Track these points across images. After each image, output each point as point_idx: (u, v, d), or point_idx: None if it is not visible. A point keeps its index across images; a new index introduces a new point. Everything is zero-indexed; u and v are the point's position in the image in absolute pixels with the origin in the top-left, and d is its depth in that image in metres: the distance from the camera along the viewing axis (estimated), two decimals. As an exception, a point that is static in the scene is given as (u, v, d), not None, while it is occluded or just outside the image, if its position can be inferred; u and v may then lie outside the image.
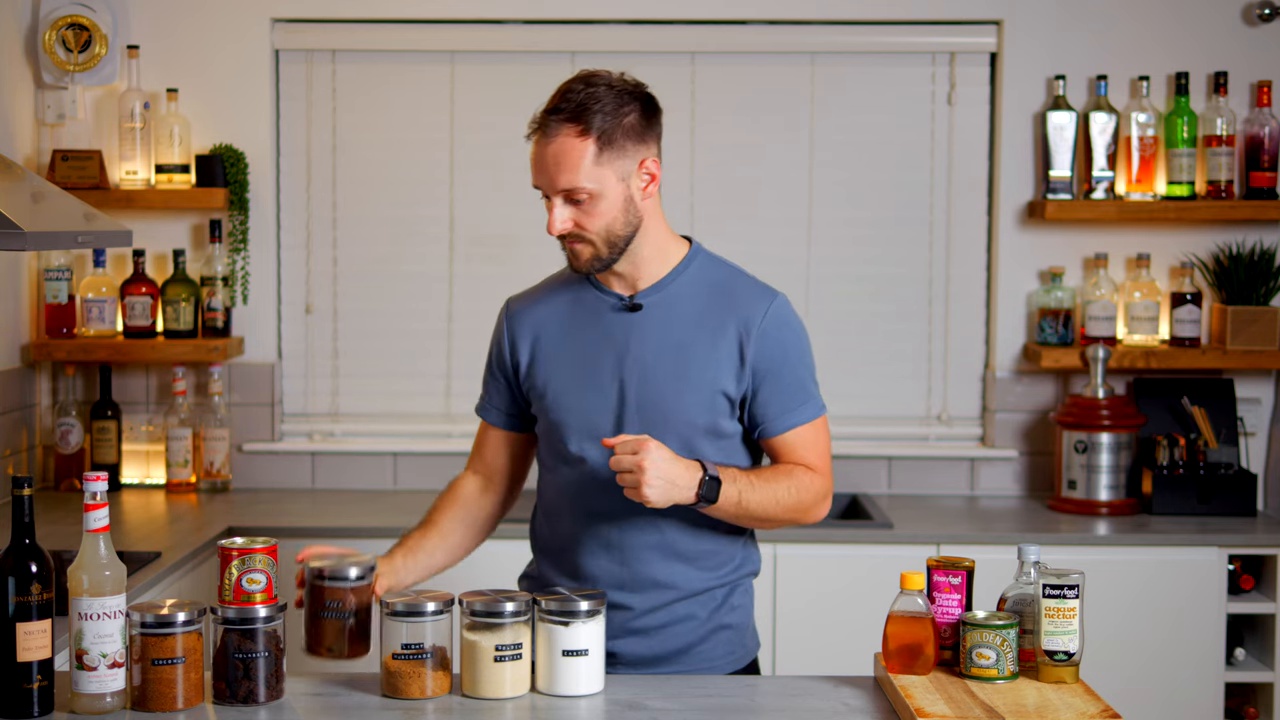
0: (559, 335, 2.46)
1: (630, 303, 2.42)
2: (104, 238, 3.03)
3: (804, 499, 2.41)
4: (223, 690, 2.16)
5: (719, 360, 2.39)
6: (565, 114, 2.30)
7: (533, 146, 2.35)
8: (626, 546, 2.42)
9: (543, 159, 2.33)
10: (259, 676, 2.16)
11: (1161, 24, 4.10)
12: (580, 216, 2.33)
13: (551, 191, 2.33)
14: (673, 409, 2.38)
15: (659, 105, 2.40)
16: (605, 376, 2.41)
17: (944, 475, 4.19)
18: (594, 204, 2.32)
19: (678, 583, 2.43)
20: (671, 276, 2.43)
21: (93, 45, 4.00)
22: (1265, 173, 4.00)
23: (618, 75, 2.37)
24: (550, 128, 2.31)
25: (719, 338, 2.40)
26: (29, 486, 2.10)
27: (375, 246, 4.23)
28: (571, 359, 2.43)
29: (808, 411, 2.44)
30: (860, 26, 4.15)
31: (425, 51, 4.18)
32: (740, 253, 4.14)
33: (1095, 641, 3.28)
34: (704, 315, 2.41)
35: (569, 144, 2.30)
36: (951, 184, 4.18)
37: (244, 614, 2.16)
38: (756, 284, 2.46)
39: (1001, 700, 2.12)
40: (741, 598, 2.51)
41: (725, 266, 2.49)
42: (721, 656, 2.48)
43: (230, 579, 2.19)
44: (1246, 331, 3.97)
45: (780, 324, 2.42)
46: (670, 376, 2.39)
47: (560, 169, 2.30)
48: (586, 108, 2.30)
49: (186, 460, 4.09)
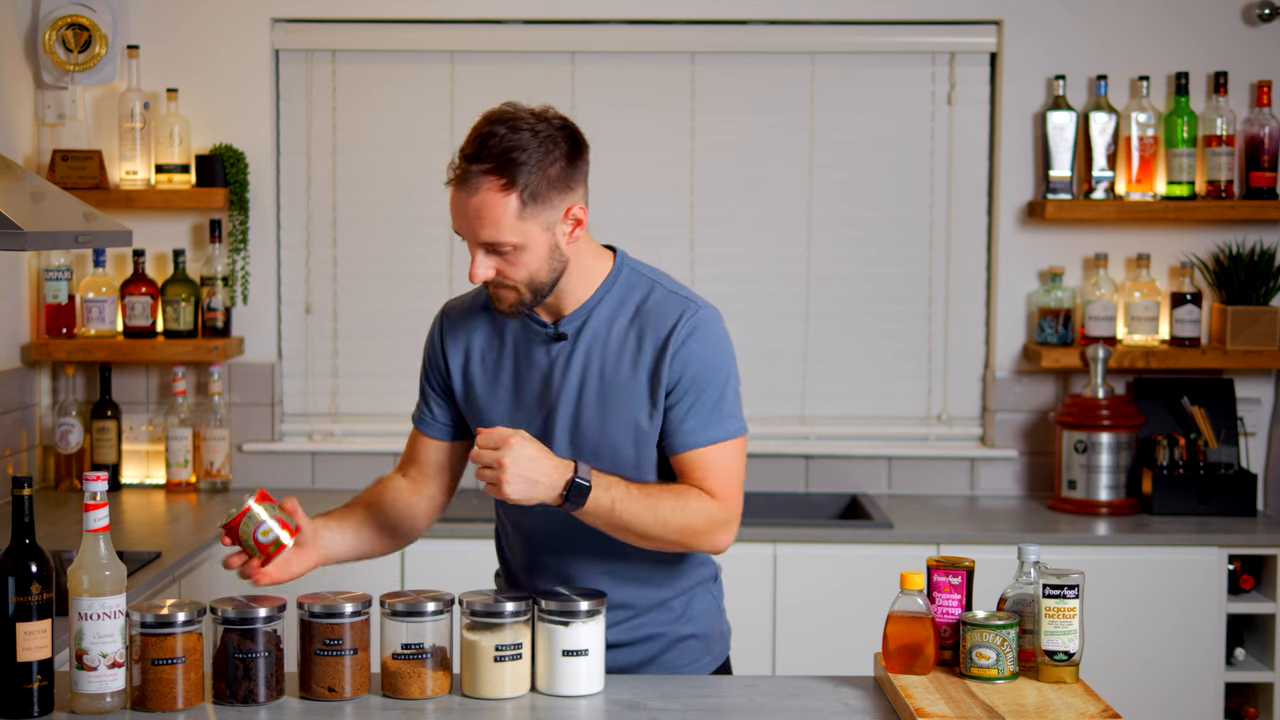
0: (489, 353, 2.40)
1: (556, 332, 2.35)
2: (104, 238, 3.03)
3: (693, 522, 2.29)
4: (223, 690, 2.16)
5: (638, 391, 2.31)
6: (488, 165, 2.19)
7: (451, 192, 2.23)
8: (575, 573, 2.38)
9: (464, 210, 2.21)
10: (259, 676, 2.16)
11: (1161, 24, 4.10)
12: (503, 266, 2.25)
13: (473, 243, 2.23)
14: (601, 440, 2.33)
15: (585, 141, 2.29)
16: (534, 404, 2.36)
17: (944, 475, 4.19)
18: (517, 255, 2.23)
19: (632, 601, 2.39)
20: (595, 299, 2.34)
21: (93, 45, 4.00)
22: (1265, 173, 4.00)
23: (539, 112, 2.26)
24: (471, 179, 2.20)
25: (638, 364, 2.31)
26: (29, 486, 2.10)
27: (375, 246, 4.23)
28: (503, 381, 2.39)
29: (715, 431, 2.31)
30: (860, 26, 4.15)
31: (425, 51, 4.18)
32: (740, 253, 4.19)
33: (1095, 641, 3.28)
34: (624, 339, 2.32)
35: (490, 199, 2.19)
36: (951, 184, 4.18)
37: (244, 614, 2.16)
38: (677, 297, 2.35)
39: (1001, 700, 2.12)
40: (704, 605, 2.47)
41: (647, 280, 2.37)
42: (686, 665, 2.45)
43: (251, 548, 2.20)
44: (1246, 331, 3.97)
45: (694, 338, 2.30)
46: (596, 408, 2.32)
47: (482, 224, 2.20)
48: (511, 160, 2.18)
49: (186, 460, 4.09)
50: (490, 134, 2.21)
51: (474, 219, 2.21)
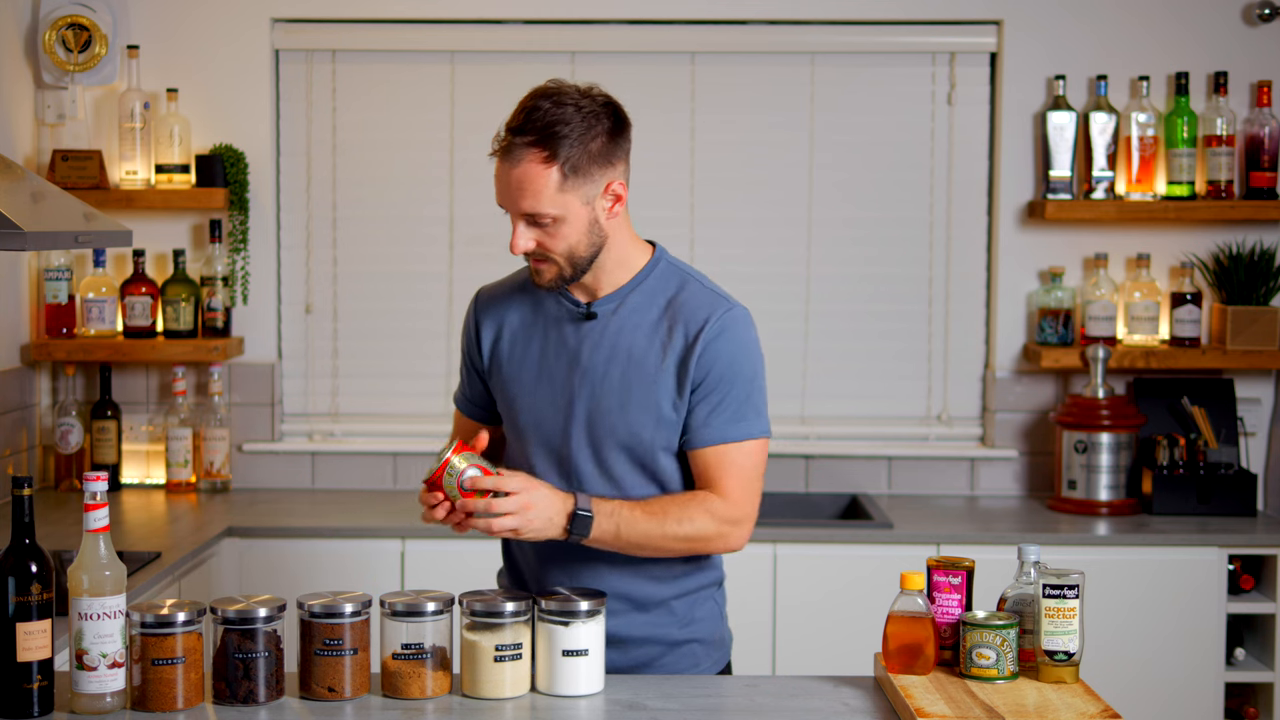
0: (520, 334, 2.44)
1: (586, 311, 2.39)
2: (104, 238, 3.03)
3: (702, 530, 2.33)
4: (223, 690, 2.16)
5: (665, 379, 2.34)
6: (530, 137, 2.25)
7: (496, 164, 2.30)
8: (575, 555, 2.38)
9: (506, 181, 2.28)
10: (259, 676, 2.16)
11: (1161, 24, 4.10)
12: (543, 238, 2.30)
13: (514, 214, 2.30)
14: (619, 425, 2.35)
15: (627, 120, 2.36)
16: (557, 385, 2.39)
17: (944, 475, 4.19)
18: (557, 227, 2.29)
19: (629, 593, 2.40)
20: (631, 285, 2.39)
21: (93, 45, 4.00)
22: (1265, 173, 4.00)
23: (585, 89, 2.32)
24: (515, 151, 2.26)
25: (667, 353, 2.35)
26: (29, 486, 2.10)
27: (375, 246, 4.23)
28: (530, 357, 2.42)
29: (737, 430, 2.35)
30: (860, 26, 4.15)
31: (425, 51, 4.18)
32: (740, 253, 4.19)
33: (1095, 641, 3.28)
34: (656, 326, 2.36)
35: (533, 170, 2.25)
36: (951, 184, 4.18)
37: (244, 614, 2.16)
38: (711, 294, 2.39)
39: (1001, 700, 2.12)
40: (706, 610, 2.48)
41: (684, 275, 2.42)
42: (687, 670, 2.45)
43: (456, 497, 2.22)
44: (1246, 331, 3.97)
45: (723, 336, 2.34)
46: (618, 391, 2.35)
47: (523, 194, 2.27)
48: (554, 133, 2.25)
49: (186, 460, 4.09)
50: (535, 108, 2.28)
51: (515, 190, 2.27)
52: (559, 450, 2.39)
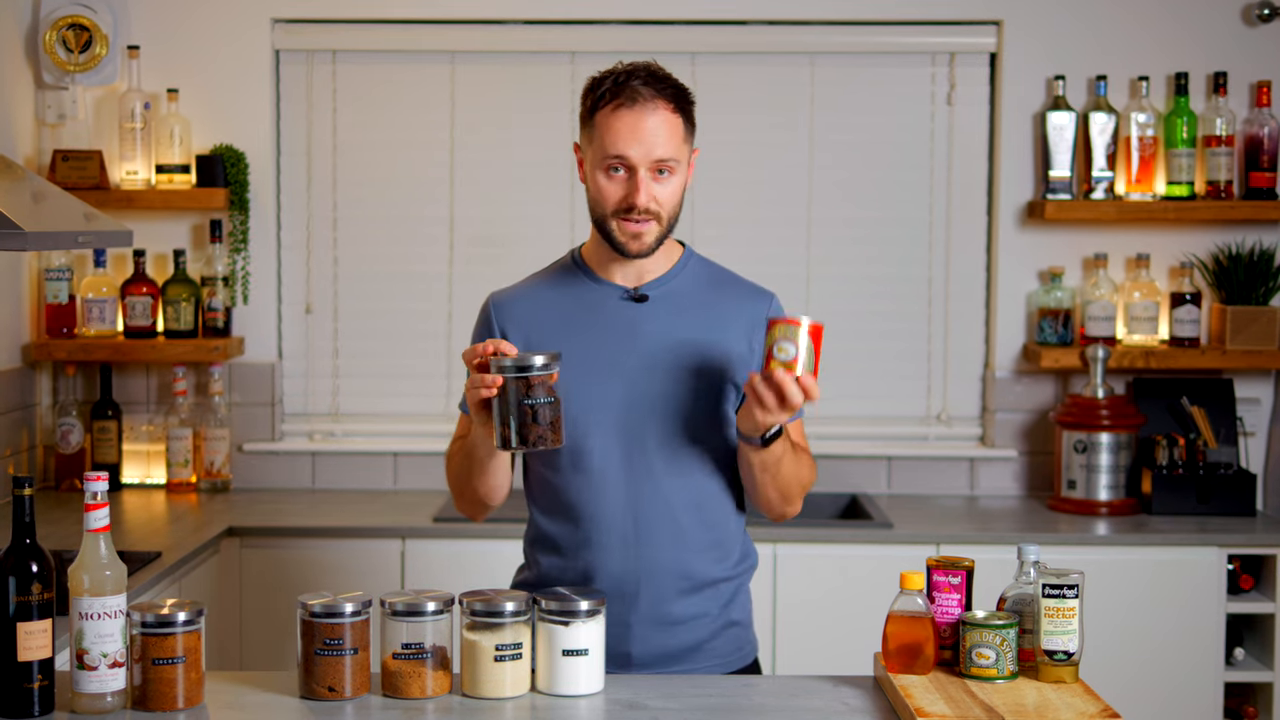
0: (557, 328, 2.44)
1: (636, 294, 2.44)
2: (104, 238, 3.04)
3: (808, 482, 2.49)
4: (508, 437, 2.20)
5: (727, 352, 2.42)
6: (669, 90, 2.36)
7: (617, 115, 2.34)
8: (639, 537, 2.41)
9: (638, 128, 2.34)
10: (546, 421, 2.20)
11: (1161, 24, 4.10)
12: (659, 192, 2.37)
13: (645, 161, 2.35)
14: (680, 401, 2.40)
15: None
16: (609, 368, 2.41)
17: (944, 475, 4.19)
18: (672, 179, 2.38)
19: (691, 572, 2.43)
20: (674, 272, 2.48)
21: (93, 45, 4.00)
22: (1265, 173, 4.00)
23: None
24: (651, 100, 2.34)
25: (726, 330, 2.44)
26: (29, 486, 2.10)
27: (375, 246, 4.23)
28: (573, 352, 2.42)
29: None
30: (860, 27, 4.15)
31: (425, 51, 4.18)
32: (740, 253, 4.18)
33: (1095, 641, 3.28)
34: (708, 309, 2.45)
35: (669, 118, 2.36)
36: (951, 184, 4.19)
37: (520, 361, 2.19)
38: (751, 284, 2.54)
39: (1001, 700, 2.12)
40: (745, 595, 2.53)
41: (717, 267, 2.55)
42: (730, 653, 2.49)
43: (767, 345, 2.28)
44: (1246, 331, 3.98)
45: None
46: (677, 368, 2.41)
47: (658, 139, 2.34)
48: (684, 92, 2.38)
49: (187, 460, 4.09)
50: (654, 71, 2.38)
51: (651, 135, 2.34)
52: (624, 432, 2.40)
